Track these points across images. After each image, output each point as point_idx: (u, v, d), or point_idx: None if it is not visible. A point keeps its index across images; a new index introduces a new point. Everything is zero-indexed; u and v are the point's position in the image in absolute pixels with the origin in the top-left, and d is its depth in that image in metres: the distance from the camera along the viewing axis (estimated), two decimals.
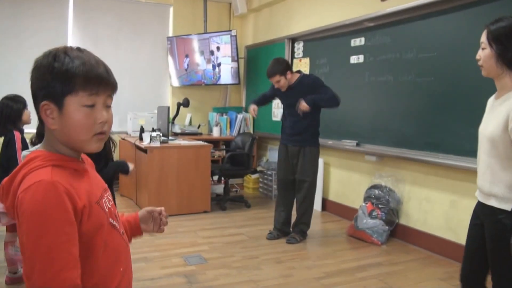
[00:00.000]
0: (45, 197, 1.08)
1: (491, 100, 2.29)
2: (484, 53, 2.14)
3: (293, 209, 4.68)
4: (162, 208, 1.56)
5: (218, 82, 7.20)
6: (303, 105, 4.25)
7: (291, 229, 4.66)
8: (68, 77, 1.17)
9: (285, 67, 4.37)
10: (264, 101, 4.89)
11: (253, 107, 4.72)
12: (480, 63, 2.19)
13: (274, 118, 6.65)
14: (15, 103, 3.45)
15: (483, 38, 2.14)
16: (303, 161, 4.45)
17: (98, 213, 1.20)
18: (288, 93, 4.46)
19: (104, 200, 1.27)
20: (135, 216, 1.53)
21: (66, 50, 1.21)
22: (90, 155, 1.33)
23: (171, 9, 7.34)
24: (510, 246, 2.10)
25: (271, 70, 4.39)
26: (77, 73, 1.18)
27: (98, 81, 1.20)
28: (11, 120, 3.41)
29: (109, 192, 1.34)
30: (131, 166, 3.42)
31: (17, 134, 3.36)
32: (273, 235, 4.62)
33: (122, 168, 3.39)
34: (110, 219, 1.26)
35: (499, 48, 2.07)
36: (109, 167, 3.18)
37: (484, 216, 2.24)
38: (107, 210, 1.26)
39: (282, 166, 4.64)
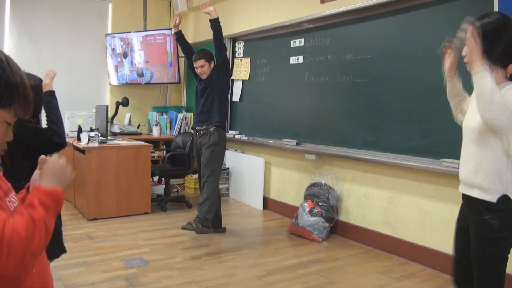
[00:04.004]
0: None
1: (474, 94, 2.20)
2: (472, 50, 2.05)
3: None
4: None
5: (158, 81, 7.10)
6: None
7: (221, 224, 4.76)
8: (11, 90, 1.16)
9: (211, 55, 4.56)
10: (185, 42, 5.03)
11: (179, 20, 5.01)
12: (466, 59, 2.11)
13: None
14: None
15: (470, 34, 2.06)
16: (205, 150, 4.51)
17: None
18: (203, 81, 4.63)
19: (8, 199, 1.22)
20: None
21: (8, 61, 1.18)
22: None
23: (110, 6, 7.15)
24: (495, 247, 2.06)
25: (197, 54, 4.57)
26: (19, 91, 1.18)
27: (29, 104, 1.23)
28: None
29: (13, 193, 1.28)
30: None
31: None
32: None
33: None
34: None
35: (485, 44, 2.01)
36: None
37: (469, 213, 2.17)
38: (11, 210, 1.20)
39: (196, 158, 4.76)
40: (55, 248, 2.50)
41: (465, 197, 2.20)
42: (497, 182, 2.03)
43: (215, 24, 4.51)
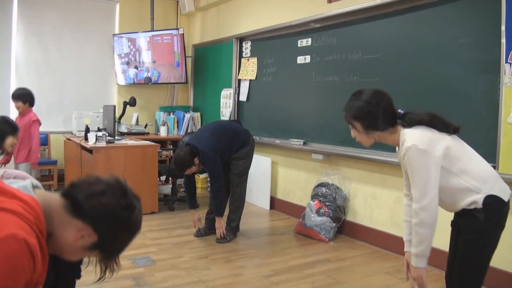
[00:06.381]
0: None
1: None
2: (357, 132, 2.28)
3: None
4: None
5: (165, 81, 7.12)
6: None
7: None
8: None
9: (190, 158, 4.22)
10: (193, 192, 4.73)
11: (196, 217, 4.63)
12: (357, 140, 2.30)
13: (222, 118, 6.64)
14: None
15: (347, 121, 2.29)
16: (236, 160, 4.48)
17: None
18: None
19: None
20: None
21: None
22: None
23: (117, 6, 7.19)
24: (479, 240, 2.11)
25: (179, 168, 4.28)
26: None
27: None
28: None
29: None
30: None
31: None
32: (201, 233, 4.65)
33: None
34: None
35: (365, 123, 2.21)
36: None
37: (460, 218, 2.23)
38: None
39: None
40: None
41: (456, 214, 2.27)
42: (472, 196, 2.10)
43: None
